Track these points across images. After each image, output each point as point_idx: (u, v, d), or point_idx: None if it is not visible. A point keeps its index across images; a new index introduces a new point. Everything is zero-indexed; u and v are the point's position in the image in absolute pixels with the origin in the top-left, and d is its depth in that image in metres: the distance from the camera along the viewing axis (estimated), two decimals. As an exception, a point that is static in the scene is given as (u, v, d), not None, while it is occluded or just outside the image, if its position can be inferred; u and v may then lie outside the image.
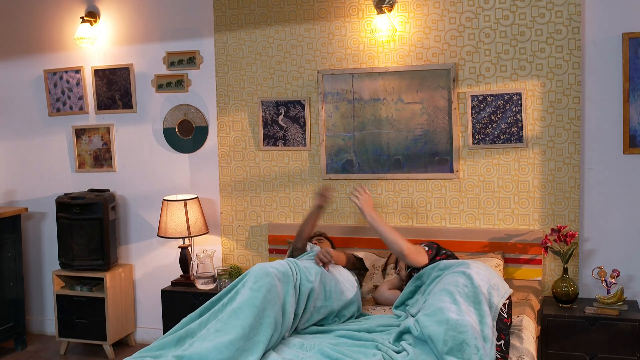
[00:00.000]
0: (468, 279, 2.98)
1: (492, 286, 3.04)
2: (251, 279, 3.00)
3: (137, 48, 4.78)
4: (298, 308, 3.15)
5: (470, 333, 2.64)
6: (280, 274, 3.07)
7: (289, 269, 3.15)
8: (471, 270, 3.06)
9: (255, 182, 4.59)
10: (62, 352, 4.80)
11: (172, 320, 4.30)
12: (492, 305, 2.95)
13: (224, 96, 4.60)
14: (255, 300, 2.88)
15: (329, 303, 3.30)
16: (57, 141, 5.07)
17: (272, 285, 2.97)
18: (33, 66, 5.05)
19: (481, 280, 3.00)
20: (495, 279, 3.13)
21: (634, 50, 3.79)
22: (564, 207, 3.99)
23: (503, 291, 3.09)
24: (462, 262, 3.24)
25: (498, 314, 2.95)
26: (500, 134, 4.05)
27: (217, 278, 4.36)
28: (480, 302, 2.87)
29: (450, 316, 2.70)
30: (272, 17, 4.45)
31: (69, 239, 4.69)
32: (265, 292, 2.93)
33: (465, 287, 2.94)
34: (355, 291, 3.50)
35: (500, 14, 4.02)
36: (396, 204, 4.30)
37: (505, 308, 3.05)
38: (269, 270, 3.03)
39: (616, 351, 3.60)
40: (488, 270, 3.20)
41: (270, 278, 2.99)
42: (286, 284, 3.07)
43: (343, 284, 3.44)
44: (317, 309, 3.26)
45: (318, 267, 3.38)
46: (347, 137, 4.34)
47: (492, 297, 2.99)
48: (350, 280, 3.55)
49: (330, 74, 4.33)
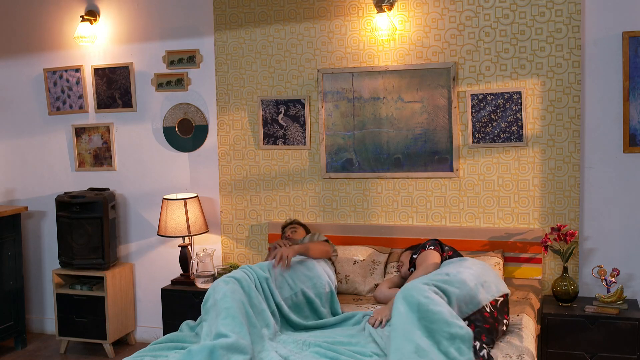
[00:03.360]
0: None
1: (483, 282, 3.14)
2: (218, 295, 3.10)
3: (137, 47, 4.78)
4: (270, 305, 3.27)
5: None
6: (236, 280, 3.19)
7: (243, 273, 3.27)
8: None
9: (255, 181, 4.59)
10: (62, 351, 4.80)
11: (172, 319, 4.31)
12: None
13: (224, 95, 4.60)
14: (226, 304, 3.01)
15: (296, 289, 3.44)
16: (57, 140, 5.07)
17: (235, 289, 3.10)
18: (33, 65, 5.05)
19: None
20: (487, 278, 3.20)
21: (633, 49, 3.79)
22: (564, 206, 3.99)
23: (495, 289, 3.17)
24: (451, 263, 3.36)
25: (479, 308, 3.04)
26: (500, 133, 4.05)
27: (217, 277, 4.35)
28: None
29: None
30: (272, 16, 4.44)
31: (69, 237, 4.69)
32: (231, 295, 3.06)
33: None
34: (319, 267, 3.64)
35: (500, 13, 4.01)
36: (396, 202, 4.30)
37: (495, 306, 3.12)
38: (227, 279, 3.18)
39: (616, 350, 3.60)
40: (482, 268, 3.28)
41: (231, 284, 3.12)
42: (247, 286, 3.18)
43: (304, 264, 3.59)
44: (290, 299, 3.39)
45: (268, 262, 3.50)
46: (347, 136, 4.34)
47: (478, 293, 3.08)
48: (309, 262, 3.67)
49: (330, 72, 4.32)
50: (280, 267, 3.47)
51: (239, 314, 2.94)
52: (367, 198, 4.35)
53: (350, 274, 4.03)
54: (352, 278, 4.02)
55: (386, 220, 4.33)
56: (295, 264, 3.59)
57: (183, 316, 4.13)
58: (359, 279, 4.02)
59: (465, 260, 3.38)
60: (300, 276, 3.52)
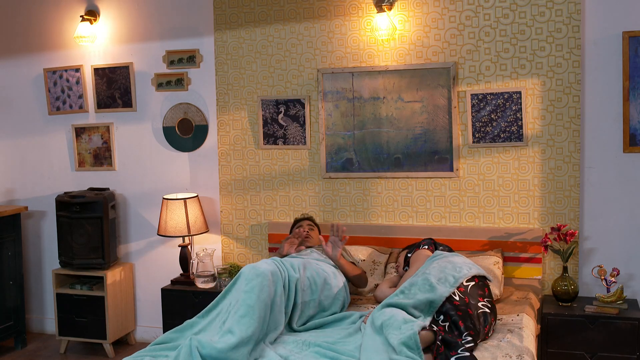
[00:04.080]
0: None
1: (439, 279, 3.23)
2: (243, 281, 3.07)
3: (137, 47, 4.78)
4: (287, 305, 3.23)
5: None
6: (270, 273, 3.13)
7: (276, 268, 3.22)
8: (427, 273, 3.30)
9: (255, 180, 4.59)
10: (62, 351, 4.80)
11: (172, 319, 4.30)
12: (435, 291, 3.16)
13: (224, 95, 4.60)
14: (249, 301, 2.97)
15: (315, 296, 3.39)
16: (57, 140, 5.07)
17: (264, 285, 3.04)
18: (33, 65, 5.05)
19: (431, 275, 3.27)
20: (445, 272, 3.27)
21: (633, 48, 3.79)
22: (564, 205, 3.99)
23: (453, 280, 3.23)
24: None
25: (446, 297, 3.13)
26: (500, 133, 4.05)
27: (217, 277, 4.36)
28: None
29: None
30: (272, 16, 4.44)
31: (69, 237, 4.68)
32: (258, 292, 3.00)
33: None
34: (340, 281, 3.61)
35: (500, 13, 4.01)
36: (396, 202, 4.30)
37: (465, 292, 3.18)
38: (259, 271, 3.10)
39: (616, 350, 3.60)
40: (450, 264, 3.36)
41: (261, 278, 3.06)
42: (276, 282, 3.13)
43: (325, 272, 3.54)
44: (306, 304, 3.34)
45: (300, 260, 3.48)
46: (347, 135, 4.34)
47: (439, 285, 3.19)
48: (332, 270, 3.64)
49: (330, 72, 4.32)
50: (305, 268, 3.44)
51: (256, 316, 2.93)
52: (367, 198, 4.35)
53: (350, 274, 4.03)
54: (352, 278, 4.02)
55: (386, 220, 4.33)
56: (320, 269, 3.54)
57: (183, 316, 4.12)
58: (359, 278, 4.02)
59: (435, 259, 3.45)
60: (323, 284, 3.46)
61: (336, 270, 3.68)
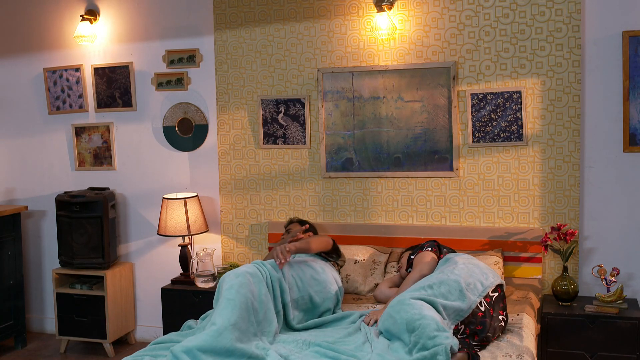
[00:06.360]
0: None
1: (469, 284, 3.16)
2: (224, 285, 3.10)
3: (137, 46, 4.78)
4: (277, 304, 3.25)
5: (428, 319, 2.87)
6: (248, 274, 3.16)
7: (256, 269, 3.24)
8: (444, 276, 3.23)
9: (255, 180, 4.59)
10: (62, 351, 4.80)
11: (172, 319, 4.31)
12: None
13: (224, 94, 4.60)
14: (229, 295, 3.01)
15: (304, 293, 3.40)
16: (57, 139, 5.06)
17: (243, 283, 3.07)
18: (33, 64, 5.05)
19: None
20: (473, 277, 3.21)
21: (633, 48, 3.78)
22: (564, 205, 3.99)
23: (481, 288, 3.17)
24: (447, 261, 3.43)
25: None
26: (500, 132, 4.05)
27: (217, 276, 4.36)
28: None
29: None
30: (272, 15, 4.44)
31: (69, 237, 4.69)
32: (237, 288, 3.04)
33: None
34: (330, 275, 3.59)
35: (500, 12, 4.01)
36: (396, 202, 4.30)
37: (490, 302, 3.13)
38: (238, 272, 3.15)
39: (616, 349, 3.61)
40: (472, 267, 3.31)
41: (240, 278, 3.10)
42: (258, 283, 3.15)
43: (311, 269, 3.54)
44: (296, 301, 3.36)
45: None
46: (347, 135, 4.34)
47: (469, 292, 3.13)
48: (321, 266, 3.63)
49: (330, 72, 4.32)
50: (287, 267, 3.43)
51: (238, 306, 2.95)
52: (367, 197, 4.35)
53: (351, 274, 4.03)
54: (353, 278, 4.02)
55: (386, 219, 4.33)
56: (305, 266, 3.55)
57: (183, 316, 4.13)
58: (359, 278, 4.02)
59: (455, 262, 3.37)
60: (310, 280, 3.48)
61: (325, 266, 3.66)
